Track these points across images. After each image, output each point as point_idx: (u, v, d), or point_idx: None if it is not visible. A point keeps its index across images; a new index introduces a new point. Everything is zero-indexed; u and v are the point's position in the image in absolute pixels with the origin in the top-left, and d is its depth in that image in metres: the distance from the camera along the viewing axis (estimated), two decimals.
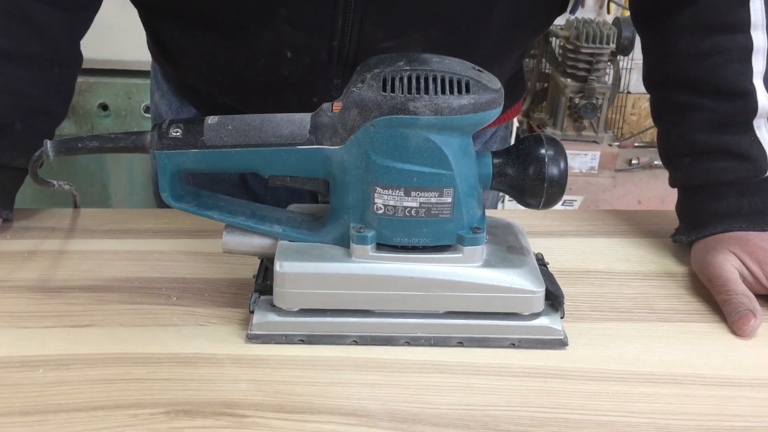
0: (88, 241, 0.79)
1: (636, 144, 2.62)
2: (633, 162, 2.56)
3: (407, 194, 0.61)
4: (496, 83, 0.60)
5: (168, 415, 0.55)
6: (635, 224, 0.87)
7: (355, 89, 0.60)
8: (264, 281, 0.67)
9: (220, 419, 0.55)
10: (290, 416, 0.56)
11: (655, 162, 2.23)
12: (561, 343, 0.64)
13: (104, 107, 1.87)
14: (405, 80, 0.59)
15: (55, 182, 0.77)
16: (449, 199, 0.61)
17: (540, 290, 0.63)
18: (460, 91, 0.58)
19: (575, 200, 0.64)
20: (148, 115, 1.62)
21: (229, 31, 0.81)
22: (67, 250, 0.78)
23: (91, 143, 0.66)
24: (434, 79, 0.58)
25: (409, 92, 0.58)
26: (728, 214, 0.75)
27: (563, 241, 0.70)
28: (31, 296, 0.69)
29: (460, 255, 0.63)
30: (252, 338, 0.64)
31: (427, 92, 0.58)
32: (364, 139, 0.60)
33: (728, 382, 0.61)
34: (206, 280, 0.72)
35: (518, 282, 0.63)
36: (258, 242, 0.66)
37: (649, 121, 2.83)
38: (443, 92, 0.58)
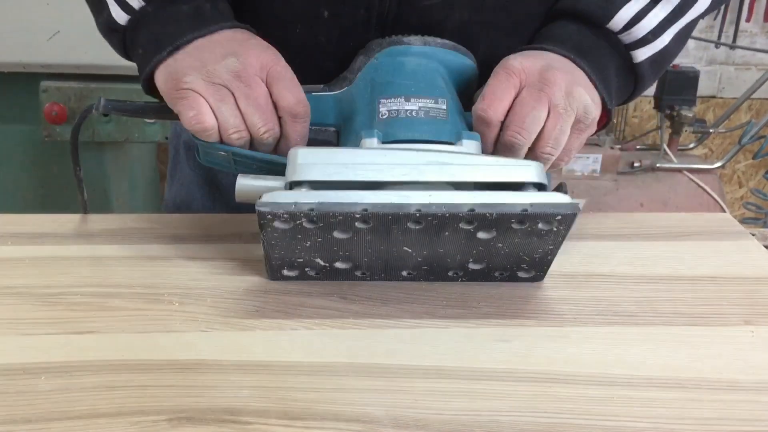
0: (89, 247, 0.79)
1: (638, 147, 2.61)
2: (635, 165, 2.55)
3: (407, 100, 0.71)
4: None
5: (171, 422, 0.55)
6: (638, 227, 0.86)
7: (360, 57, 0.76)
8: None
9: (223, 426, 0.55)
10: (293, 423, 0.56)
11: (657, 165, 2.23)
12: (574, 208, 0.65)
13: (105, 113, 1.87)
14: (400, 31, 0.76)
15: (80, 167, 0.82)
16: (444, 107, 0.71)
17: (535, 163, 0.68)
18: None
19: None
20: (150, 121, 1.62)
21: None
22: (69, 255, 0.78)
23: (137, 105, 0.77)
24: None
25: (403, 36, 0.75)
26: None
27: (566, 244, 0.70)
28: (33, 303, 0.69)
29: (461, 146, 0.69)
30: (261, 206, 0.63)
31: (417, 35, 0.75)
32: (369, 71, 0.74)
33: (734, 386, 0.61)
34: (208, 286, 0.72)
35: (515, 161, 0.69)
36: (273, 185, 0.68)
37: (651, 124, 2.83)
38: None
